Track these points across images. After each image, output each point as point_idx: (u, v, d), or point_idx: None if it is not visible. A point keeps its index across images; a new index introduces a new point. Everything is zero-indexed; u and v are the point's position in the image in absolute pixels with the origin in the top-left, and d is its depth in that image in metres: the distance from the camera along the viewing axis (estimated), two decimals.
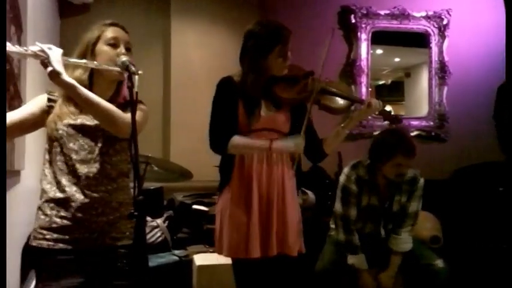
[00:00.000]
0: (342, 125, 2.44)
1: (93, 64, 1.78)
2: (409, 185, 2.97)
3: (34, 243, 1.78)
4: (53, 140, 1.79)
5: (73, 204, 1.74)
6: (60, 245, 1.75)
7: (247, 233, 2.27)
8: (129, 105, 1.62)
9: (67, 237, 1.75)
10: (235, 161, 2.33)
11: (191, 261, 3.53)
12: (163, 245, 3.67)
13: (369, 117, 5.08)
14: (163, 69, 4.96)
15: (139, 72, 1.69)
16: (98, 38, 1.85)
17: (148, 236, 3.58)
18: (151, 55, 4.89)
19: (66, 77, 1.63)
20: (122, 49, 1.85)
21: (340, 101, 2.45)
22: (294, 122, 2.38)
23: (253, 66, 2.30)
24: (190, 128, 4.61)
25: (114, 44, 1.85)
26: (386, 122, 2.64)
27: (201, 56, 4.86)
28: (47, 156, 1.81)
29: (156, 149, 4.73)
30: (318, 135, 2.48)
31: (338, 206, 3.01)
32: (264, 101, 2.35)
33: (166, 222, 3.80)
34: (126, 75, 1.67)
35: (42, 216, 1.78)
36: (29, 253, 1.80)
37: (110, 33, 1.87)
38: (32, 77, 2.88)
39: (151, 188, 3.99)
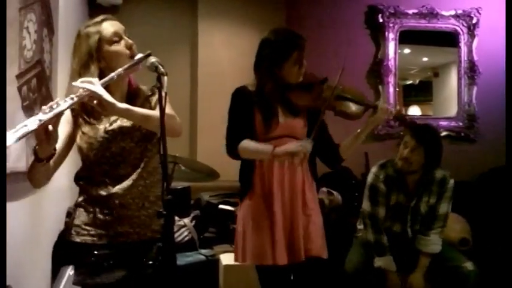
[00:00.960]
0: (359, 130, 2.45)
1: (120, 72, 1.74)
2: (438, 186, 2.94)
3: (78, 239, 1.82)
4: (92, 150, 1.81)
5: (116, 201, 1.80)
6: (104, 240, 1.80)
7: (273, 240, 2.27)
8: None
9: (111, 232, 1.80)
10: (255, 168, 2.34)
11: (218, 260, 3.55)
12: (190, 244, 3.70)
13: None
14: (190, 69, 5.00)
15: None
16: (100, 41, 1.80)
17: (175, 235, 3.61)
18: (178, 56, 4.94)
19: (120, 104, 1.68)
20: (127, 40, 1.84)
21: (355, 107, 2.47)
22: (310, 128, 2.39)
23: (269, 74, 2.32)
24: (217, 128, 4.60)
25: (117, 40, 1.83)
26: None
27: (227, 56, 4.88)
28: (85, 159, 1.85)
29: (184, 148, 4.77)
30: (335, 140, 2.49)
31: (366, 205, 3.00)
32: (280, 108, 2.37)
33: (193, 221, 3.83)
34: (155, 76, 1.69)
35: (85, 213, 1.83)
36: (71, 249, 1.85)
37: (108, 30, 1.82)
38: (62, 79, 2.94)
39: (179, 187, 4.03)
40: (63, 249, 3.06)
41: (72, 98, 1.61)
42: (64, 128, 1.81)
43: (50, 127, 1.56)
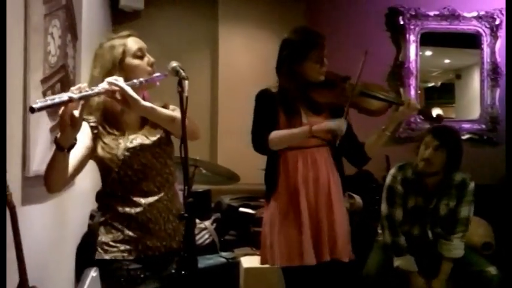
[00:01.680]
0: (383, 127, 2.42)
1: (142, 82, 1.80)
2: (458, 189, 2.91)
3: (107, 256, 1.84)
4: (113, 167, 1.83)
5: (143, 217, 1.83)
6: (133, 255, 1.83)
7: (300, 240, 2.27)
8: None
9: (140, 246, 1.83)
10: (280, 169, 2.34)
11: (238, 263, 3.57)
12: (211, 247, 3.72)
13: (418, 120, 5.01)
14: (210, 73, 5.03)
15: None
16: (124, 53, 1.86)
17: (196, 238, 3.64)
18: (199, 60, 4.98)
19: (143, 102, 1.72)
20: (150, 58, 1.91)
21: (379, 103, 2.44)
22: None
23: (290, 74, 2.33)
24: (237, 131, 4.64)
25: (141, 55, 1.89)
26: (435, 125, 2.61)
27: (248, 60, 4.91)
28: (107, 174, 1.86)
29: (204, 152, 4.80)
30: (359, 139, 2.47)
31: (384, 207, 2.99)
32: (303, 108, 2.37)
33: (214, 224, 3.86)
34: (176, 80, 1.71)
35: (113, 231, 1.85)
36: (100, 266, 1.88)
37: (133, 45, 1.89)
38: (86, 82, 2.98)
39: (200, 190, 4.06)
40: (87, 251, 3.11)
41: (98, 89, 1.66)
42: (83, 139, 1.83)
43: (76, 113, 1.57)
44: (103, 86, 1.68)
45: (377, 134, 2.42)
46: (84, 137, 1.84)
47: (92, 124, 1.86)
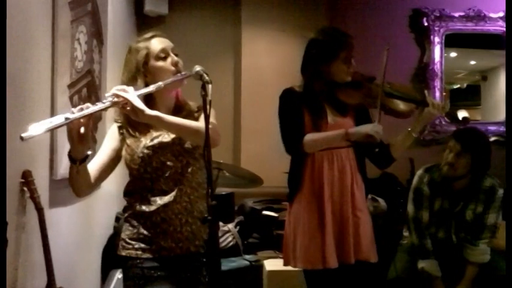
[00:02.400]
0: (409, 128, 2.39)
1: (160, 86, 1.79)
2: (486, 194, 2.86)
3: (123, 253, 1.87)
4: (135, 165, 1.85)
5: (158, 217, 1.83)
6: (148, 254, 1.83)
7: (323, 242, 2.26)
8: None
9: (154, 246, 1.83)
10: (304, 170, 2.34)
11: (261, 266, 3.57)
12: (234, 250, 3.73)
13: (443, 122, 4.95)
14: (234, 77, 5.05)
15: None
16: (147, 56, 1.86)
17: (220, 240, 3.65)
18: (222, 63, 5.00)
19: (149, 111, 1.70)
20: (173, 58, 1.88)
21: (405, 104, 2.41)
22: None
23: (317, 74, 2.32)
24: (260, 134, 4.67)
25: (164, 56, 1.88)
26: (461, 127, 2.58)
27: (271, 63, 4.92)
28: (130, 175, 1.89)
29: (227, 155, 4.82)
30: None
31: (410, 209, 2.96)
32: (329, 108, 2.35)
33: (238, 227, 3.87)
34: (201, 84, 1.71)
35: (130, 228, 1.87)
36: (119, 261, 1.90)
37: (155, 46, 1.88)
38: (111, 87, 3.02)
39: (223, 193, 4.08)
40: (112, 254, 3.15)
41: (103, 102, 1.67)
42: (110, 142, 1.90)
43: (82, 129, 1.62)
44: (109, 99, 1.68)
45: (403, 136, 2.39)
46: (111, 139, 1.90)
47: (119, 125, 1.90)
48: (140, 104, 1.69)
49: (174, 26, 4.80)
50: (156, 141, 1.85)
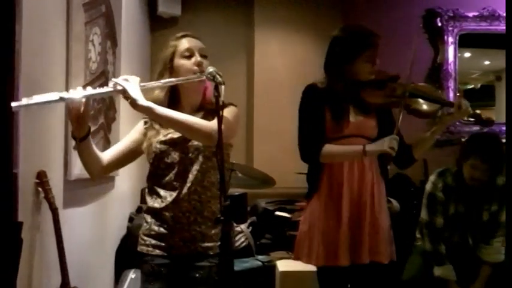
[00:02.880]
0: (432, 129, 2.37)
1: (171, 81, 1.83)
2: (500, 192, 2.84)
3: (138, 248, 1.90)
4: (150, 159, 1.88)
5: (167, 214, 1.83)
6: (157, 251, 1.85)
7: (337, 240, 2.25)
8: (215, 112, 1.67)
9: (163, 244, 1.84)
10: (324, 168, 2.32)
11: (274, 266, 3.57)
12: (247, 250, 3.74)
13: (457, 123, 4.91)
14: (246, 77, 5.06)
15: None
16: (173, 53, 1.90)
17: (232, 241, 3.66)
18: (235, 64, 5.02)
19: (142, 102, 1.70)
20: (197, 58, 1.89)
21: (429, 105, 2.38)
22: (381, 127, 2.35)
23: (340, 72, 2.29)
24: (273, 135, 4.67)
25: (189, 55, 1.90)
26: (475, 128, 2.55)
27: (283, 63, 4.92)
28: (148, 170, 1.91)
29: (240, 155, 4.83)
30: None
31: (424, 214, 2.94)
32: (351, 107, 2.33)
33: (250, 227, 3.87)
34: (213, 84, 1.71)
35: (144, 224, 1.89)
36: (132, 261, 1.93)
37: (183, 45, 1.91)
38: None
39: (236, 194, 4.08)
40: (125, 254, 3.17)
41: (104, 88, 1.73)
42: (132, 134, 1.95)
43: (81, 109, 1.68)
44: (110, 86, 1.72)
45: (425, 136, 2.37)
46: (134, 131, 1.95)
47: (145, 120, 1.93)
48: (135, 94, 1.69)
49: (187, 27, 4.76)
50: (168, 136, 1.87)
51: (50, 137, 2.03)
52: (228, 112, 1.83)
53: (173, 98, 1.89)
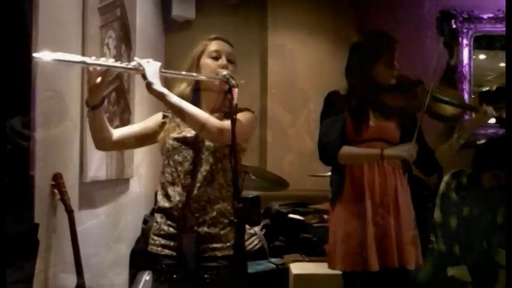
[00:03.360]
0: (456, 135, 2.35)
1: (191, 76, 1.88)
2: None
3: (149, 248, 1.91)
4: (163, 154, 1.91)
5: (176, 213, 1.83)
6: (166, 251, 1.85)
7: (365, 245, 2.24)
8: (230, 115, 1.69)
9: (172, 243, 1.85)
10: (346, 172, 2.32)
11: (287, 269, 3.57)
12: (260, 253, 3.74)
13: None
14: (260, 80, 5.07)
15: (242, 81, 1.79)
16: (202, 52, 1.95)
17: (246, 243, 3.66)
18: (249, 67, 5.02)
19: (157, 86, 1.71)
20: (223, 60, 1.93)
21: (452, 109, 2.37)
22: (403, 131, 2.35)
23: (360, 77, 2.30)
24: (287, 137, 4.67)
25: (216, 56, 1.93)
26: (490, 130, 2.53)
27: (297, 66, 4.92)
28: (162, 168, 1.92)
29: (254, 158, 4.83)
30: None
31: (437, 215, 2.93)
32: (372, 111, 2.33)
33: (263, 230, 3.87)
34: (226, 87, 1.74)
35: (155, 224, 1.90)
36: (146, 263, 1.93)
37: (212, 46, 1.96)
38: (140, 90, 3.07)
39: (249, 196, 4.08)
40: (140, 255, 3.19)
41: (127, 65, 1.76)
42: (148, 122, 1.98)
43: (99, 79, 1.71)
44: (132, 64, 1.75)
45: (450, 142, 2.36)
46: (150, 119, 1.99)
47: (165, 113, 1.96)
48: (152, 78, 1.71)
49: (200, 30, 4.84)
50: (182, 134, 1.89)
51: (66, 139, 2.05)
52: (242, 116, 1.86)
53: (195, 97, 1.92)
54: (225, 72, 1.77)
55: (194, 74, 1.89)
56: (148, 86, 1.71)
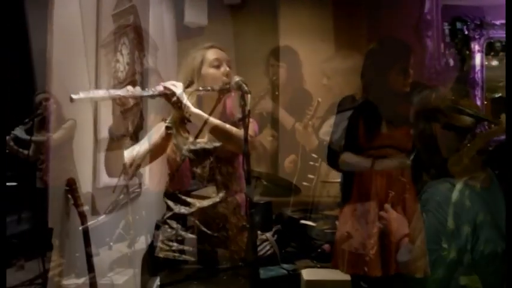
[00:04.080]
0: (469, 145, 2.34)
1: (207, 89, 1.89)
2: None
3: (161, 254, 1.92)
4: (175, 164, 1.92)
5: (196, 219, 1.86)
6: (185, 257, 1.87)
7: (367, 250, 2.24)
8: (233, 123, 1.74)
9: (191, 249, 1.87)
10: (355, 177, 2.33)
11: (299, 275, 3.56)
12: (272, 258, 3.73)
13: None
14: (272, 87, 5.06)
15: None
16: (201, 62, 1.96)
17: (258, 249, 3.65)
18: (260, 74, 5.03)
19: (193, 108, 1.78)
20: (225, 68, 1.96)
21: (467, 120, 2.35)
22: (418, 140, 2.34)
23: (374, 84, 2.31)
24: (298, 144, 4.66)
25: (217, 65, 1.96)
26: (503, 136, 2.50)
27: (309, 73, 4.92)
28: (170, 175, 1.95)
29: (266, 164, 4.83)
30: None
31: (450, 223, 2.90)
32: (385, 118, 2.33)
33: (275, 236, 3.87)
34: (239, 94, 1.74)
35: (169, 230, 1.91)
36: (156, 264, 1.94)
37: (211, 55, 1.97)
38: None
39: (261, 202, 4.08)
40: (151, 261, 3.20)
41: (153, 91, 1.78)
42: (154, 137, 1.97)
43: (131, 102, 1.72)
44: (158, 89, 1.78)
45: (462, 152, 2.34)
46: (156, 135, 1.98)
47: (167, 125, 1.96)
48: (186, 101, 1.77)
49: (212, 37, 4.85)
50: (198, 146, 1.91)
51: (80, 145, 2.07)
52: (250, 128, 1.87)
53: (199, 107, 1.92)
54: (237, 78, 1.79)
55: (209, 87, 1.89)
56: (188, 109, 1.76)
